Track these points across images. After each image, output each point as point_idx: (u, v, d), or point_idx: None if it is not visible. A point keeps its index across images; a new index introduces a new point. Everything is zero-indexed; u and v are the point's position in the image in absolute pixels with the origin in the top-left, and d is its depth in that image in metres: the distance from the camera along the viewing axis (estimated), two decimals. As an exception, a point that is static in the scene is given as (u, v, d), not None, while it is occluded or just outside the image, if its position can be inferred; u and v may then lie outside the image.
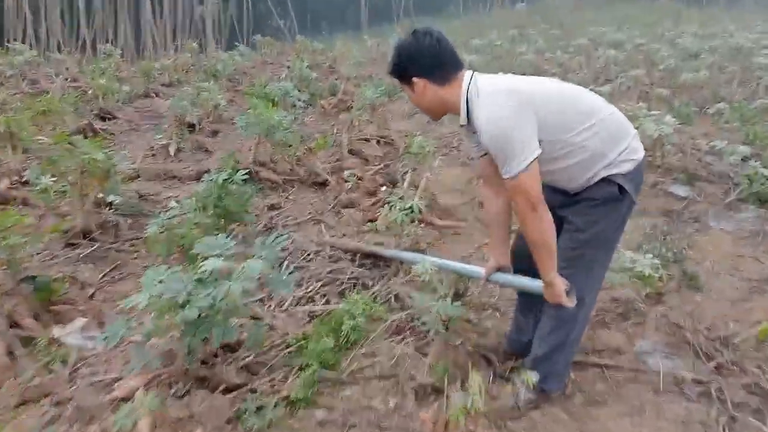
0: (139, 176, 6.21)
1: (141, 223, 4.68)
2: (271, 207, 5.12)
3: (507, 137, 2.14)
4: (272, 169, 5.87)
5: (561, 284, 2.35)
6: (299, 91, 8.84)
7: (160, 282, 2.42)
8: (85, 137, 7.52)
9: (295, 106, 8.09)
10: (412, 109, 9.02)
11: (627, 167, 2.32)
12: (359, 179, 5.73)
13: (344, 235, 4.60)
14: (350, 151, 6.56)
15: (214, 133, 8.05)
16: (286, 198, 5.50)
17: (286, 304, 3.46)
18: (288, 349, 2.97)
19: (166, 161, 6.80)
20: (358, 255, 4.02)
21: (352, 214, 4.93)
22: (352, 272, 3.79)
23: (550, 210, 2.27)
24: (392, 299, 3.53)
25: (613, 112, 2.37)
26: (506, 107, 2.16)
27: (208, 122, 8.22)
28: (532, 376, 2.26)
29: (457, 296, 3.23)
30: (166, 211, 3.93)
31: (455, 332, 3.05)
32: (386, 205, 4.02)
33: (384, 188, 5.56)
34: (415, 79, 2.30)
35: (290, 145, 5.96)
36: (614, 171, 2.31)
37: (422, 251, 3.94)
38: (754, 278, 3.83)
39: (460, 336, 3.11)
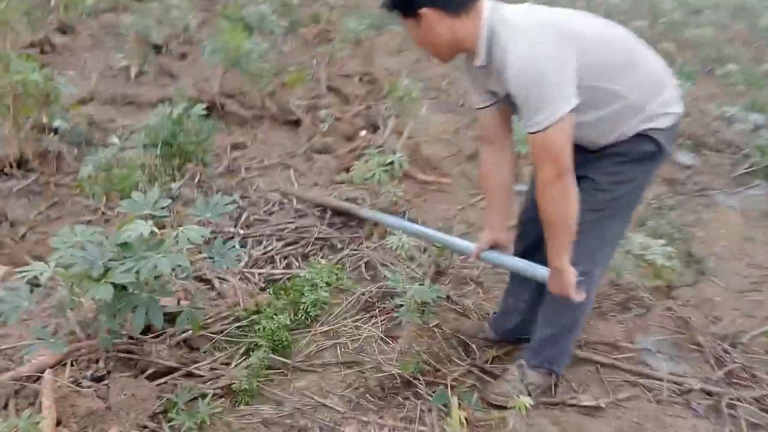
0: (93, 100, 5.60)
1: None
2: (236, 146, 4.59)
3: (541, 80, 1.71)
4: (240, 103, 5.30)
5: (573, 274, 1.94)
6: (279, 16, 8.13)
7: (75, 245, 1.95)
8: (42, 52, 6.86)
9: (272, 33, 7.42)
10: (401, 45, 8.36)
11: (666, 121, 1.93)
12: (337, 120, 5.20)
13: (315, 184, 4.12)
14: (329, 88, 5.99)
15: (183, 56, 7.37)
16: (254, 137, 4.96)
17: (241, 264, 3.00)
18: (237, 324, 2.53)
19: (126, 85, 6.16)
20: (329, 211, 3.55)
21: (327, 161, 4.43)
22: (320, 231, 3.33)
23: None
24: (363, 267, 3.09)
25: (654, 55, 1.97)
26: (544, 44, 1.73)
27: (176, 44, 7.52)
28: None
29: (438, 273, 2.81)
30: (106, 147, 3.40)
31: (431, 312, 2.64)
32: (363, 157, 3.52)
33: (364, 133, 5.05)
34: (423, 10, 1.81)
35: (262, 77, 5.38)
36: (652, 125, 1.91)
37: (402, 213, 3.49)
38: (765, 266, 3.45)
39: (436, 317, 2.70)
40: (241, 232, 3.21)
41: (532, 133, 1.77)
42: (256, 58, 5.22)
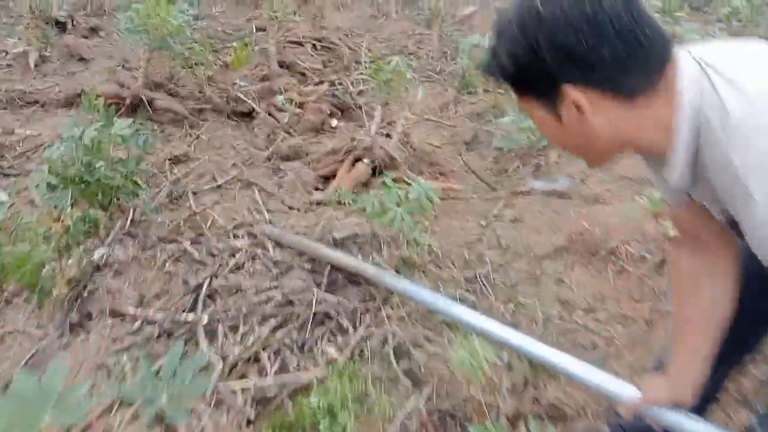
0: (-17, 104, 4.37)
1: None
2: (176, 160, 3.48)
3: None
4: (173, 94, 4.17)
5: None
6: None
7: None
8: None
9: (199, -6, 6.19)
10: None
11: None
12: (299, 107, 4.15)
13: (290, 208, 3.12)
14: (280, 64, 4.88)
15: (93, 31, 6.06)
16: (197, 138, 3.87)
17: (214, 375, 2.01)
18: None
19: (25, 78, 4.88)
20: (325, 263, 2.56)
21: (298, 171, 3.40)
22: (319, 299, 2.35)
23: None
24: (391, 356, 2.13)
25: None
26: None
27: (83, 17, 6.20)
28: None
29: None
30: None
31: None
32: (365, 182, 2.53)
33: (335, 123, 4.03)
34: (567, 90, 0.88)
35: (197, 56, 4.25)
36: None
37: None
38: None
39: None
40: (205, 317, 2.20)
41: None
42: (187, 34, 4.10)
